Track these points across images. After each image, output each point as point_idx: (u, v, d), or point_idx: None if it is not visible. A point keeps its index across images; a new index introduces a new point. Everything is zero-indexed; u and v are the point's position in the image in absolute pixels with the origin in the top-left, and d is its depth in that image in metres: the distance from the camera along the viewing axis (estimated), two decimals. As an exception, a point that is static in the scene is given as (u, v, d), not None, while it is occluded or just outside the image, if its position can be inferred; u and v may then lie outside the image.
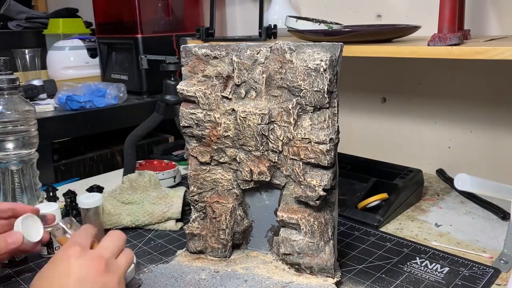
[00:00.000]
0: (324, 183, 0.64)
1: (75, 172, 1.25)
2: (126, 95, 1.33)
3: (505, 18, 0.96)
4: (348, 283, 0.68)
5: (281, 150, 0.66)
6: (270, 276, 0.68)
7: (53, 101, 1.25)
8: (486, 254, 0.75)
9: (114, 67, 1.50)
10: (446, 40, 0.74)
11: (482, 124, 1.04)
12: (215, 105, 0.69)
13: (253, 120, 0.66)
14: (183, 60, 0.71)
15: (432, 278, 0.68)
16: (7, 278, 0.72)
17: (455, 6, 0.75)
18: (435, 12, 0.77)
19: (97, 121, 1.24)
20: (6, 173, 0.83)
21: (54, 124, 1.17)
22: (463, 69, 1.04)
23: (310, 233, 0.66)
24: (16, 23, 1.91)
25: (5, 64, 0.80)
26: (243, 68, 0.67)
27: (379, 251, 0.77)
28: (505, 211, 0.88)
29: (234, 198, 0.72)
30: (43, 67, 1.60)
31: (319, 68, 0.62)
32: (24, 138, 0.82)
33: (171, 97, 1.04)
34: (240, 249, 0.75)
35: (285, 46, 0.65)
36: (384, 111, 1.19)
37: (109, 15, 1.48)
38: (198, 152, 0.72)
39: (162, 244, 0.82)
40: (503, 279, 0.68)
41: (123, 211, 0.86)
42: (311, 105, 0.63)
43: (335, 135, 0.64)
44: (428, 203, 0.97)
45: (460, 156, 1.09)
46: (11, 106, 0.81)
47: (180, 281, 0.67)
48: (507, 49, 0.68)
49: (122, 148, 1.06)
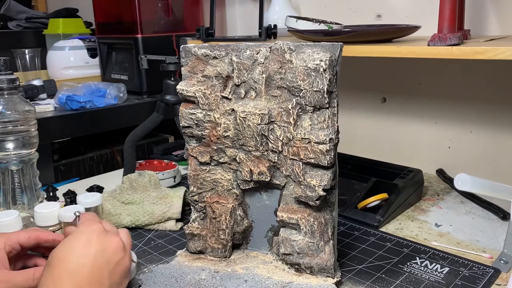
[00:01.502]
0: (324, 183, 0.64)
1: (75, 172, 1.25)
2: (126, 95, 1.33)
3: (505, 18, 0.96)
4: (348, 283, 0.68)
5: (281, 150, 0.66)
6: (270, 276, 0.68)
7: (53, 101, 1.25)
8: (486, 254, 0.75)
9: (114, 67, 1.50)
10: (446, 40, 0.74)
11: (482, 124, 1.04)
12: (214, 105, 0.69)
13: (253, 120, 0.66)
14: (183, 60, 0.71)
15: (432, 278, 0.68)
16: (7, 278, 0.72)
17: (455, 6, 0.75)
18: (435, 12, 0.77)
19: (97, 121, 1.24)
20: (6, 173, 0.83)
21: (54, 124, 1.17)
22: (463, 69, 1.04)
23: (310, 233, 0.66)
24: (16, 23, 1.91)
25: (5, 64, 0.80)
26: (243, 68, 0.67)
27: (379, 251, 0.77)
28: (505, 211, 0.88)
29: (234, 198, 0.72)
30: (43, 67, 1.60)
31: (319, 68, 0.62)
32: (24, 138, 0.82)
33: (171, 97, 1.04)
34: (240, 249, 0.75)
35: (284, 46, 0.65)
36: (384, 111, 1.19)
37: (109, 15, 1.48)
38: (198, 152, 0.72)
39: (162, 244, 0.82)
40: (503, 279, 0.68)
41: (123, 211, 0.86)
42: (311, 105, 0.63)
43: (335, 135, 0.64)
44: (428, 203, 0.97)
45: (460, 156, 1.09)
46: (11, 106, 0.81)
47: (180, 281, 0.67)
48: (507, 49, 0.68)
49: (122, 148, 1.06)
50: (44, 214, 0.76)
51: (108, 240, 0.56)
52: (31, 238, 0.62)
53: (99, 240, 0.55)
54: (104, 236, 0.56)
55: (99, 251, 0.54)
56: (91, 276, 0.52)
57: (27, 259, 0.64)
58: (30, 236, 0.62)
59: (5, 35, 1.85)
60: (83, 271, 0.52)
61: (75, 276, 0.52)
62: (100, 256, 0.54)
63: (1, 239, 0.60)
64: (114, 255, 0.55)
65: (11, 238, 0.61)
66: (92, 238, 0.55)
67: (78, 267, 0.52)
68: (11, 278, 0.57)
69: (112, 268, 0.55)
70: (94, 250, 0.54)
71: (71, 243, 0.55)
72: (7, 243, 0.60)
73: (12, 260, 0.61)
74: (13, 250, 0.61)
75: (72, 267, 0.52)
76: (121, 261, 0.56)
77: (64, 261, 0.53)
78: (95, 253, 0.53)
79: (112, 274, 0.54)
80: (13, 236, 0.61)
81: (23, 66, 1.58)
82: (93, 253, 0.53)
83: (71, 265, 0.52)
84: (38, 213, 0.76)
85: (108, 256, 0.55)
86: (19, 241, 0.61)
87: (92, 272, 0.53)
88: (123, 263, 0.56)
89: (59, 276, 0.52)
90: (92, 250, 0.54)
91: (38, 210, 0.76)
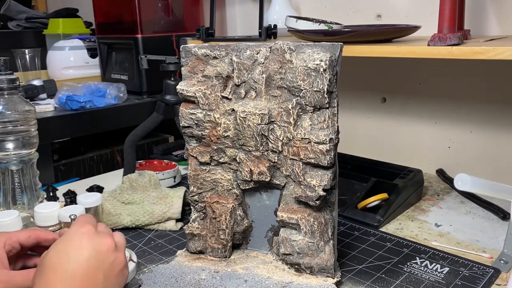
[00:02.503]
0: (324, 183, 0.64)
1: (75, 172, 1.25)
2: (126, 95, 1.33)
3: (505, 18, 0.96)
4: (348, 283, 0.68)
5: (281, 150, 0.66)
6: (270, 276, 0.68)
7: (53, 101, 1.25)
8: (486, 254, 0.75)
9: (114, 67, 1.50)
10: (446, 40, 0.74)
11: (482, 124, 1.04)
12: (215, 105, 0.69)
13: (253, 120, 0.66)
14: (183, 60, 0.71)
15: (432, 278, 0.68)
16: (7, 278, 0.72)
17: (455, 6, 0.75)
18: (435, 12, 0.77)
19: (97, 121, 1.24)
20: (6, 173, 0.83)
21: (54, 124, 1.17)
22: (463, 69, 1.04)
23: (310, 233, 0.66)
24: (16, 23, 1.91)
25: (5, 64, 0.80)
26: (243, 68, 0.67)
27: (379, 251, 0.77)
28: (505, 211, 0.88)
29: (234, 198, 0.72)
30: (43, 67, 1.60)
31: (319, 68, 0.62)
32: (24, 138, 0.82)
33: (171, 97, 1.04)
34: (240, 249, 0.75)
35: (285, 46, 0.65)
36: (384, 111, 1.19)
37: (109, 15, 1.48)
38: (198, 152, 0.72)
39: (162, 244, 0.82)
40: (503, 279, 0.68)
41: (123, 211, 0.86)
42: (311, 105, 0.63)
43: (335, 135, 0.64)
44: (428, 203, 0.97)
45: (460, 156, 1.09)
46: (11, 106, 0.81)
47: (180, 281, 0.67)
48: (507, 49, 0.68)
49: (122, 148, 1.06)
50: (44, 214, 0.76)
51: (100, 242, 0.54)
52: (31, 237, 0.62)
53: (91, 243, 0.54)
54: (96, 237, 0.55)
55: (91, 254, 0.53)
56: (85, 280, 0.51)
57: (27, 259, 0.64)
58: (30, 236, 0.62)
59: (5, 35, 1.85)
60: (76, 276, 0.51)
61: (68, 281, 0.51)
62: (93, 259, 0.53)
63: (1, 238, 0.60)
64: (107, 257, 0.54)
65: (11, 237, 0.61)
66: (83, 240, 0.54)
67: (71, 272, 0.51)
68: (10, 278, 0.57)
69: (106, 269, 0.54)
70: (87, 253, 0.53)
71: (63, 247, 0.53)
72: (7, 242, 0.60)
73: (12, 260, 0.61)
74: (13, 249, 0.60)
75: (65, 273, 0.51)
76: (115, 262, 0.55)
77: (56, 265, 0.52)
78: (87, 257, 0.52)
79: (107, 275, 0.54)
80: (13, 235, 0.61)
81: (23, 66, 1.58)
82: (86, 257, 0.52)
83: (64, 271, 0.51)
84: (38, 213, 0.76)
85: (101, 258, 0.54)
86: (19, 240, 0.61)
87: (86, 276, 0.52)
88: (117, 263, 0.55)
89: (53, 282, 0.51)
90: (85, 253, 0.53)
91: (38, 210, 0.76)
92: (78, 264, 0.52)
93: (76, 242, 0.54)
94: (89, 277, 0.52)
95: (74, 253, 0.52)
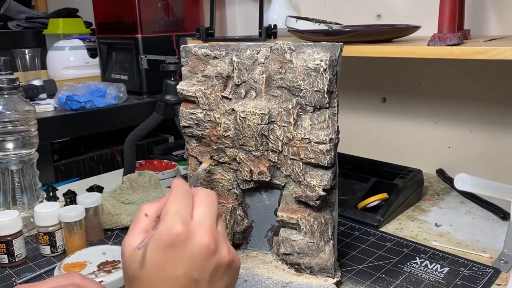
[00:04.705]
0: (324, 183, 0.64)
1: (75, 172, 1.25)
2: (126, 95, 1.33)
3: (505, 18, 0.96)
4: (348, 283, 0.68)
5: (281, 150, 0.66)
6: (270, 276, 0.68)
7: (53, 101, 1.25)
8: (486, 254, 0.75)
9: (114, 67, 1.50)
10: (446, 40, 0.74)
11: (482, 124, 1.04)
12: (215, 105, 0.69)
13: (253, 120, 0.66)
14: (183, 60, 0.71)
15: (432, 278, 0.68)
16: (7, 278, 0.72)
17: (455, 6, 0.75)
18: (435, 12, 0.77)
19: (97, 121, 1.24)
20: (6, 173, 0.83)
21: (54, 124, 1.17)
22: (463, 69, 1.04)
23: (310, 233, 0.66)
24: (16, 23, 1.91)
25: (5, 64, 0.80)
26: (243, 68, 0.67)
27: (379, 251, 0.77)
28: (505, 211, 0.88)
29: (234, 198, 0.72)
30: (43, 67, 1.60)
31: (319, 68, 0.62)
32: (24, 138, 0.82)
33: (171, 97, 1.04)
34: (240, 249, 0.75)
35: (285, 46, 0.65)
36: (384, 111, 1.19)
37: (109, 15, 1.48)
38: (198, 152, 0.72)
39: (162, 244, 0.81)
40: (503, 279, 0.68)
41: (123, 211, 0.86)
42: (311, 105, 0.63)
43: (335, 135, 0.64)
44: (428, 203, 0.97)
45: (460, 156, 1.09)
46: (11, 106, 0.81)
47: (180, 281, 0.67)
48: (507, 49, 0.68)
49: (122, 148, 1.06)
50: (44, 214, 0.76)
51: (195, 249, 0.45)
52: None
53: (186, 253, 0.45)
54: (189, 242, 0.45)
55: (188, 266, 0.45)
56: None
57: None
58: None
59: (5, 35, 1.85)
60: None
61: None
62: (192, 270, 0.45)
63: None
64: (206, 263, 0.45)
65: None
66: (178, 253, 0.44)
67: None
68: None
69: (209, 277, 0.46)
70: (183, 268, 0.44)
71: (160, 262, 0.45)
72: None
73: None
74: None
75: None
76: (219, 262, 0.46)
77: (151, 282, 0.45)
78: (184, 272, 0.44)
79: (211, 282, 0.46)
80: None
81: (23, 66, 1.58)
82: (183, 272, 0.44)
83: None
84: (38, 213, 0.76)
85: (200, 267, 0.45)
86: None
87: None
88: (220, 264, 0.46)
89: None
90: (181, 269, 0.44)
91: (38, 210, 0.76)
92: (177, 283, 0.45)
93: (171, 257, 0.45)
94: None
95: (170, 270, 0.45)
